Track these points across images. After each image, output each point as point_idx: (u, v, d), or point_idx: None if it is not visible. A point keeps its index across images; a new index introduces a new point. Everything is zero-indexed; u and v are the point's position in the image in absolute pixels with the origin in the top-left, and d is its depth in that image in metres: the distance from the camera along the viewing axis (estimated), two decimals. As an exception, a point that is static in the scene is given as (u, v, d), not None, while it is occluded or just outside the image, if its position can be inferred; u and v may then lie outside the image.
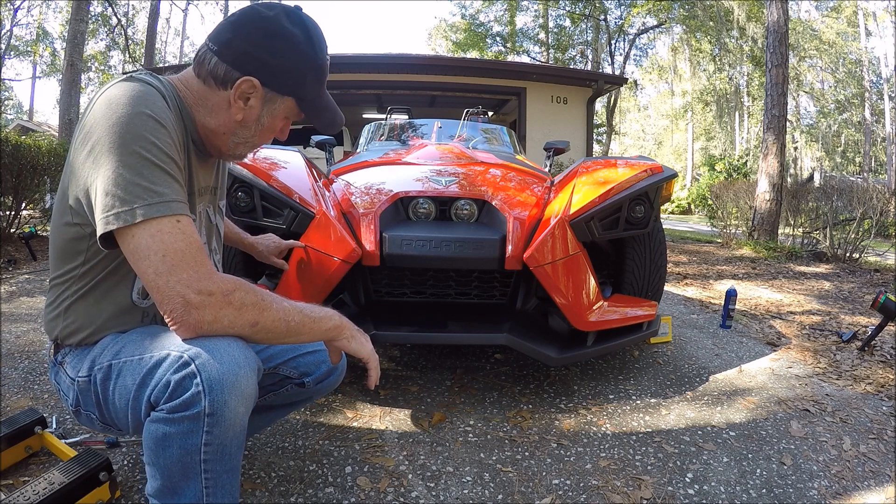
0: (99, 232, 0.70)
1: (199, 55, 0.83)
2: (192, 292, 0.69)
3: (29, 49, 19.10)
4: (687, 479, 1.17)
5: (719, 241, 6.62)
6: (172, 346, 0.72)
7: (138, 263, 0.69)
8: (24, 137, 4.80)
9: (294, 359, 1.05)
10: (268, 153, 1.75)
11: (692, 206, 18.23)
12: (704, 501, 1.10)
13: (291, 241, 1.45)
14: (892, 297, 2.06)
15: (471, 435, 1.35)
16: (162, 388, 0.70)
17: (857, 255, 4.98)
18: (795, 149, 24.68)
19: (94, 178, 0.70)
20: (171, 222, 0.70)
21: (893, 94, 19.88)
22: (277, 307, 0.76)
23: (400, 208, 1.63)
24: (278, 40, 0.80)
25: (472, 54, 20.47)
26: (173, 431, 0.69)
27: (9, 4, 16.69)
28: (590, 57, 20.31)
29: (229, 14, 0.85)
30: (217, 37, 0.81)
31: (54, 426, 1.32)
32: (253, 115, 0.84)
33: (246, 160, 1.41)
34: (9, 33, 17.44)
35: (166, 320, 0.71)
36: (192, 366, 0.69)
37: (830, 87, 23.96)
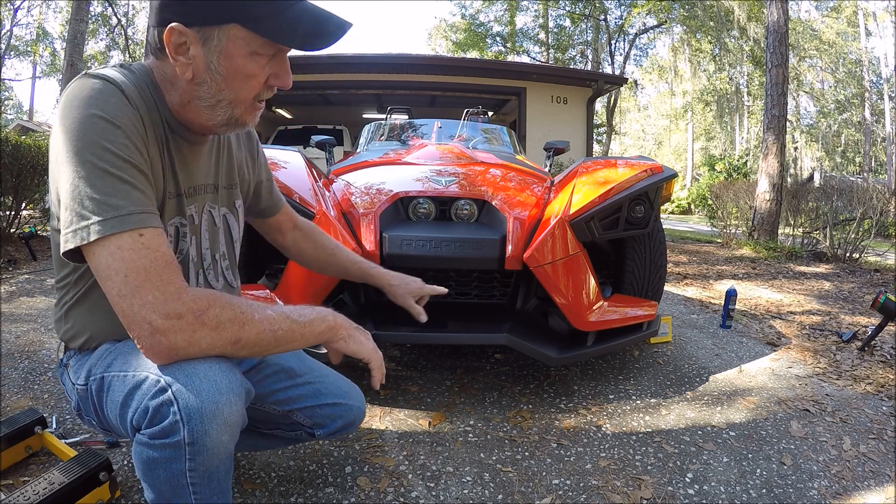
0: (61, 250, 0.65)
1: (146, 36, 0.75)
2: (158, 316, 0.62)
3: (29, 49, 19.10)
4: (687, 479, 1.17)
5: (719, 241, 6.61)
6: (151, 367, 0.67)
7: (102, 284, 0.64)
8: (24, 137, 4.80)
9: (312, 408, 1.01)
10: (268, 153, 1.75)
11: (692, 206, 18.22)
12: (704, 501, 1.10)
13: (434, 287, 1.22)
14: (892, 297, 2.06)
15: (471, 435, 1.35)
16: (141, 413, 0.67)
17: (857, 255, 4.98)
18: (795, 149, 24.68)
19: (59, 188, 0.66)
20: (131, 238, 0.63)
21: (893, 94, 19.87)
22: (260, 318, 0.69)
23: (400, 208, 1.63)
24: None
25: (472, 54, 20.47)
26: (157, 456, 0.66)
27: (9, 4, 16.68)
28: (590, 57, 20.30)
29: None
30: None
31: (54, 426, 1.32)
32: (200, 65, 0.71)
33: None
34: (9, 33, 17.44)
35: (137, 346, 0.65)
36: (169, 392, 0.64)
37: (830, 87, 23.95)
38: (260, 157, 1.05)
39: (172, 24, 0.68)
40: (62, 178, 0.65)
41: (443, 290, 1.24)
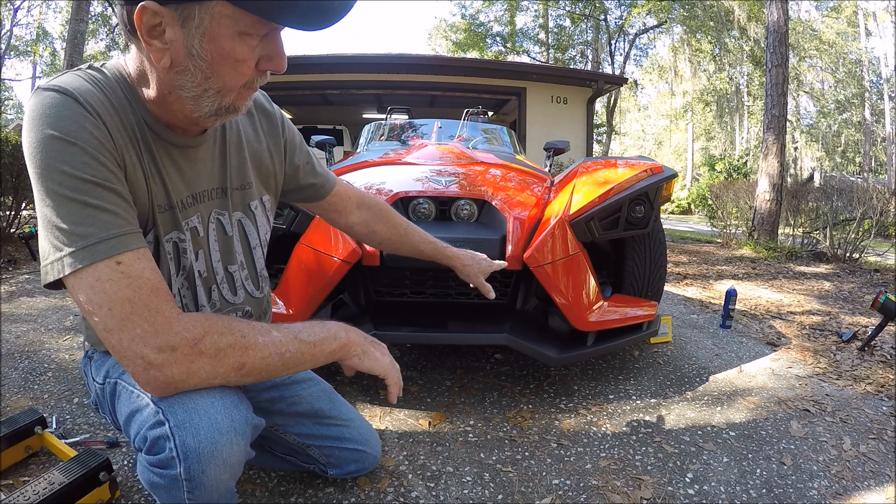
0: (41, 282, 0.61)
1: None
2: (150, 350, 0.57)
3: (29, 49, 19.10)
4: (687, 479, 1.17)
5: (719, 241, 6.61)
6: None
7: (88, 318, 0.59)
8: (24, 137, 4.80)
9: (331, 448, 1.01)
10: None
11: (692, 206, 18.22)
12: (704, 501, 1.10)
13: (500, 262, 1.26)
14: (892, 297, 2.06)
15: (471, 435, 1.35)
16: (140, 440, 0.65)
17: (857, 255, 4.98)
18: (795, 149, 24.68)
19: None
20: (108, 267, 0.57)
21: (893, 94, 19.87)
22: (265, 341, 0.64)
23: (400, 208, 1.63)
24: None
25: (472, 54, 20.48)
26: (159, 482, 0.65)
27: (9, 4, 16.69)
28: (590, 57, 20.31)
29: None
30: None
31: (54, 426, 1.32)
32: (180, 51, 0.60)
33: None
34: (9, 33, 17.44)
35: (134, 381, 0.61)
36: (166, 427, 0.61)
37: (830, 87, 23.96)
38: (288, 140, 0.94)
39: (144, 3, 0.56)
40: (36, 203, 0.60)
41: (503, 263, 1.26)
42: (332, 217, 1.08)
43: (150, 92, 0.66)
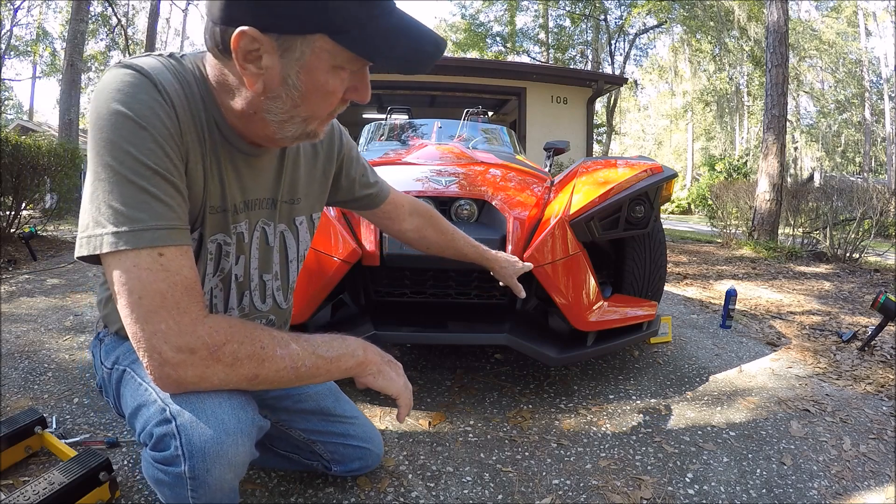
0: (75, 253, 0.60)
1: (204, 29, 0.65)
2: (169, 348, 0.57)
3: (29, 49, 19.11)
4: (687, 479, 1.17)
5: (719, 241, 6.62)
6: (160, 390, 0.64)
7: (116, 298, 0.58)
8: (24, 137, 4.80)
9: (336, 445, 1.02)
10: None
11: (692, 206, 18.23)
12: (704, 501, 1.10)
13: (527, 263, 1.33)
14: (892, 297, 2.06)
15: (471, 435, 1.35)
16: (147, 435, 0.65)
17: (857, 255, 4.98)
18: (795, 149, 24.69)
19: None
20: (150, 256, 0.57)
21: (893, 94, 19.88)
22: (282, 354, 0.64)
23: (400, 208, 1.63)
24: None
25: (472, 54, 20.50)
26: (163, 479, 0.65)
27: (9, 4, 16.69)
28: (590, 57, 20.32)
29: None
30: None
31: (54, 426, 1.32)
32: (275, 79, 0.61)
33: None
34: (9, 33, 17.44)
35: (147, 373, 0.61)
36: (173, 424, 0.61)
37: (830, 87, 23.98)
38: (346, 156, 0.97)
39: (244, 28, 0.57)
40: (88, 172, 0.60)
41: (530, 265, 1.33)
42: (385, 224, 1.13)
43: (231, 103, 0.67)
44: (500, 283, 1.66)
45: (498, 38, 21.30)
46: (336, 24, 0.57)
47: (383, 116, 3.59)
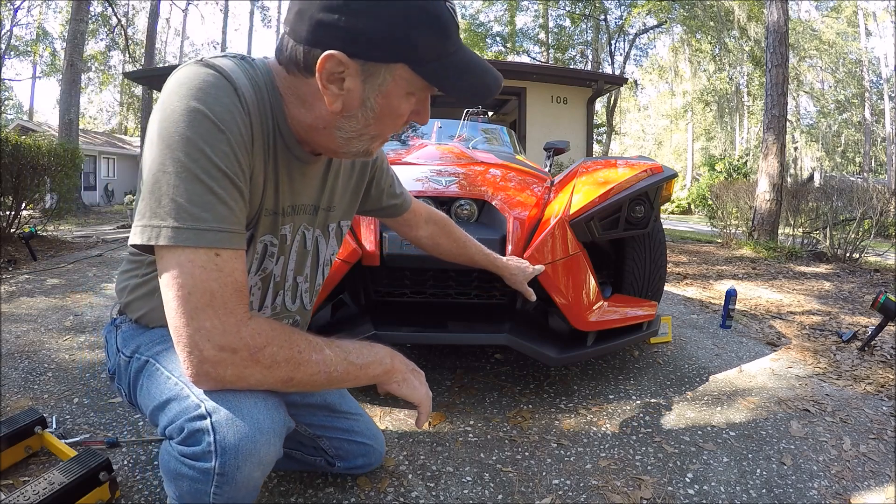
0: (129, 240, 0.61)
1: (278, 43, 0.67)
2: (211, 346, 0.59)
3: (29, 49, 19.12)
4: (687, 479, 1.17)
5: (719, 241, 6.62)
6: (192, 385, 0.64)
7: (163, 289, 0.60)
8: (24, 137, 4.81)
9: (341, 440, 1.04)
10: None
11: (692, 206, 18.23)
12: (704, 501, 1.10)
13: (538, 266, 1.36)
14: (892, 297, 2.06)
15: (471, 435, 1.35)
16: (176, 429, 0.65)
17: (857, 255, 4.98)
18: (795, 149, 24.70)
19: (143, 171, 0.62)
20: (206, 255, 0.58)
21: (893, 94, 19.88)
22: (317, 359, 0.66)
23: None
24: None
25: (472, 54, 20.45)
26: (185, 473, 0.65)
27: (9, 4, 16.69)
28: (590, 57, 20.32)
29: None
30: (288, 15, 0.65)
31: (54, 426, 1.32)
32: (355, 100, 0.65)
33: None
34: (9, 33, 17.45)
35: (182, 367, 0.61)
36: (208, 421, 0.62)
37: (830, 87, 23.98)
38: (378, 168, 1.01)
39: (333, 52, 0.61)
40: (147, 163, 0.60)
41: (541, 267, 1.36)
42: (403, 231, 1.18)
43: (299, 114, 0.69)
44: (498, 285, 1.66)
45: (498, 38, 21.32)
46: (418, 56, 0.63)
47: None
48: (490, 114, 9.57)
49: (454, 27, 0.65)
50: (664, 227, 2.30)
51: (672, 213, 18.35)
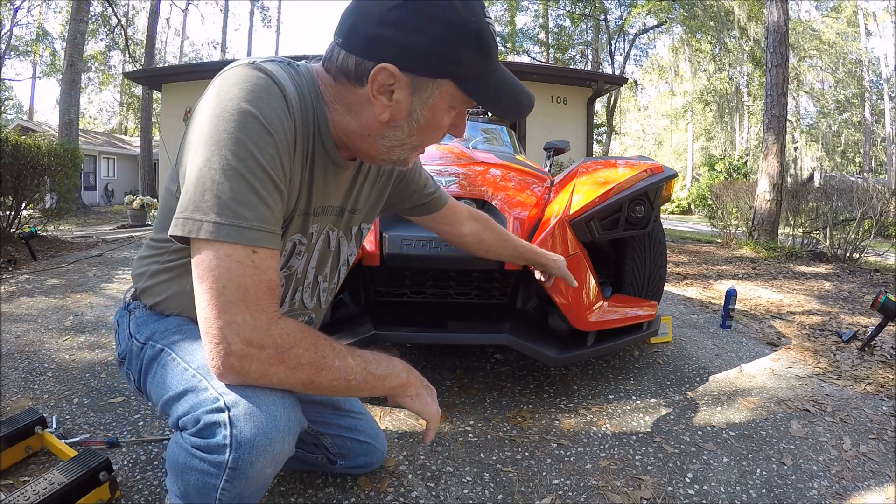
0: (168, 231, 0.62)
1: (327, 52, 0.70)
2: (240, 340, 0.59)
3: (29, 49, 19.12)
4: (687, 479, 1.17)
5: (719, 241, 6.62)
6: (216, 379, 0.64)
7: (196, 281, 0.60)
8: (24, 137, 4.80)
9: (343, 438, 1.04)
10: None
11: (692, 206, 18.23)
12: (704, 501, 1.10)
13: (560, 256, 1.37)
14: (892, 297, 2.06)
15: (471, 435, 1.35)
16: (191, 421, 0.65)
17: (857, 255, 4.98)
18: (795, 149, 24.70)
19: (186, 165, 0.63)
20: (244, 251, 0.60)
21: (893, 94, 19.89)
22: (339, 366, 0.67)
23: (400, 208, 1.63)
24: (410, 10, 0.63)
25: (472, 54, 20.44)
26: (194, 466, 0.64)
27: (9, 4, 16.70)
28: (590, 57, 20.32)
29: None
30: (340, 27, 0.68)
31: (54, 426, 1.32)
32: (402, 112, 0.69)
33: None
34: (9, 33, 17.46)
35: (207, 358, 0.62)
36: (226, 414, 0.62)
37: (830, 87, 23.98)
38: (406, 172, 1.01)
39: (386, 65, 0.64)
40: (192, 157, 0.62)
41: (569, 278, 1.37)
42: (444, 229, 1.17)
43: (343, 121, 0.72)
44: (498, 285, 1.66)
45: (498, 38, 21.29)
46: (463, 74, 0.67)
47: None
48: (490, 114, 9.56)
49: (495, 48, 0.69)
50: (664, 227, 2.30)
51: (672, 213, 18.35)
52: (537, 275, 1.38)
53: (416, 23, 0.63)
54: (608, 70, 18.09)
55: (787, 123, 6.94)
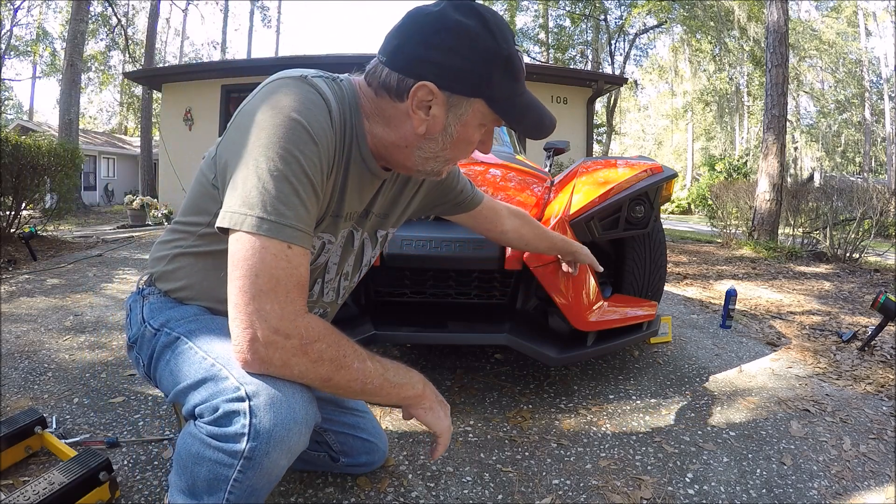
0: (215, 223, 0.66)
1: (370, 68, 0.77)
2: (267, 328, 0.62)
3: (29, 49, 19.12)
4: (687, 479, 1.17)
5: (719, 241, 6.62)
6: (235, 366, 0.66)
7: (230, 268, 0.63)
8: (24, 137, 4.80)
9: (346, 435, 1.06)
10: None
11: (692, 206, 18.23)
12: (704, 501, 1.10)
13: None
14: (892, 297, 2.06)
15: (471, 435, 1.35)
16: (209, 409, 0.65)
17: (857, 255, 4.98)
18: (795, 149, 24.70)
19: (232, 165, 0.67)
20: (280, 245, 0.63)
21: (893, 94, 19.89)
22: (358, 367, 0.69)
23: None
24: (450, 35, 0.70)
25: (472, 54, 20.43)
26: (207, 456, 0.65)
27: (9, 4, 16.70)
28: (590, 57, 20.32)
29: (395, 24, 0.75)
30: (385, 47, 0.74)
31: (54, 426, 1.32)
32: (438, 126, 0.75)
33: None
34: (9, 33, 17.45)
35: (232, 345, 0.64)
36: (247, 404, 0.63)
37: (830, 87, 23.98)
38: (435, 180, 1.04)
39: (427, 83, 0.70)
40: (241, 158, 0.65)
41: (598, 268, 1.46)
42: (485, 227, 1.22)
43: (381, 133, 0.77)
44: (498, 285, 1.66)
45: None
46: (494, 94, 0.74)
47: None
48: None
49: (522, 73, 0.75)
50: (664, 227, 2.29)
51: (672, 213, 18.35)
52: (564, 267, 1.42)
53: (455, 47, 0.70)
54: (608, 70, 18.08)
55: (787, 123, 6.94)
